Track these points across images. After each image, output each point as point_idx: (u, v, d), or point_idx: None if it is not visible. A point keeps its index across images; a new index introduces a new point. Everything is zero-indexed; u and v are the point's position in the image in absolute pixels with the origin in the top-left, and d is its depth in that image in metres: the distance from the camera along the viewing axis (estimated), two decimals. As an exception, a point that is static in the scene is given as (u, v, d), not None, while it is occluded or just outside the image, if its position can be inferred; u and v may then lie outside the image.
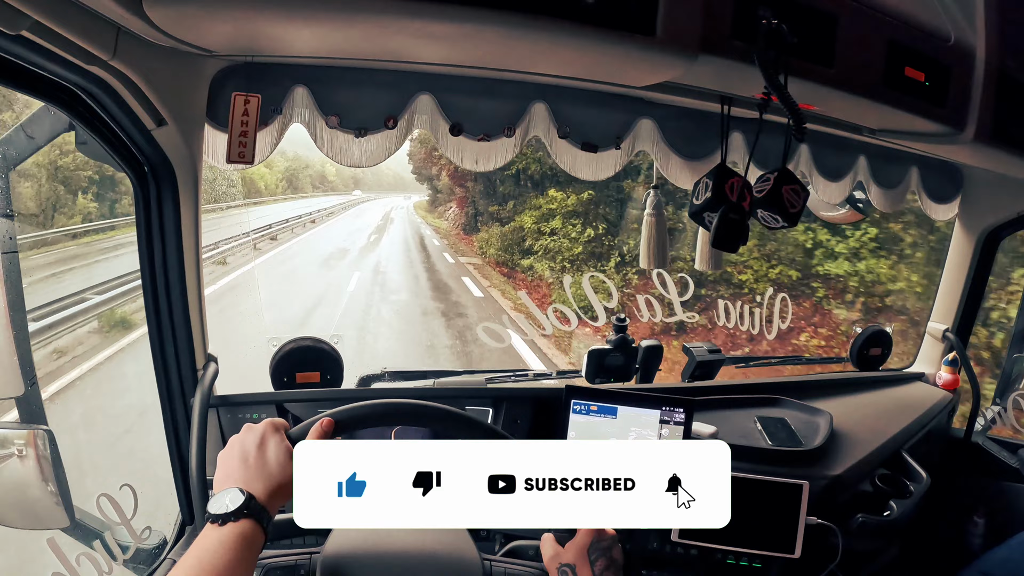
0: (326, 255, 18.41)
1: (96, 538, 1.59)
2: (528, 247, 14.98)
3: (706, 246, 1.95)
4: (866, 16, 1.43)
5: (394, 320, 11.50)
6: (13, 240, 1.44)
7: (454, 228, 24.47)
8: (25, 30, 0.97)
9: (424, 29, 1.19)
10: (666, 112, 1.78)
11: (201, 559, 0.86)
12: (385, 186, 69.26)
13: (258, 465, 0.97)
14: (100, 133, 1.37)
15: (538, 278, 14.44)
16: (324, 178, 52.71)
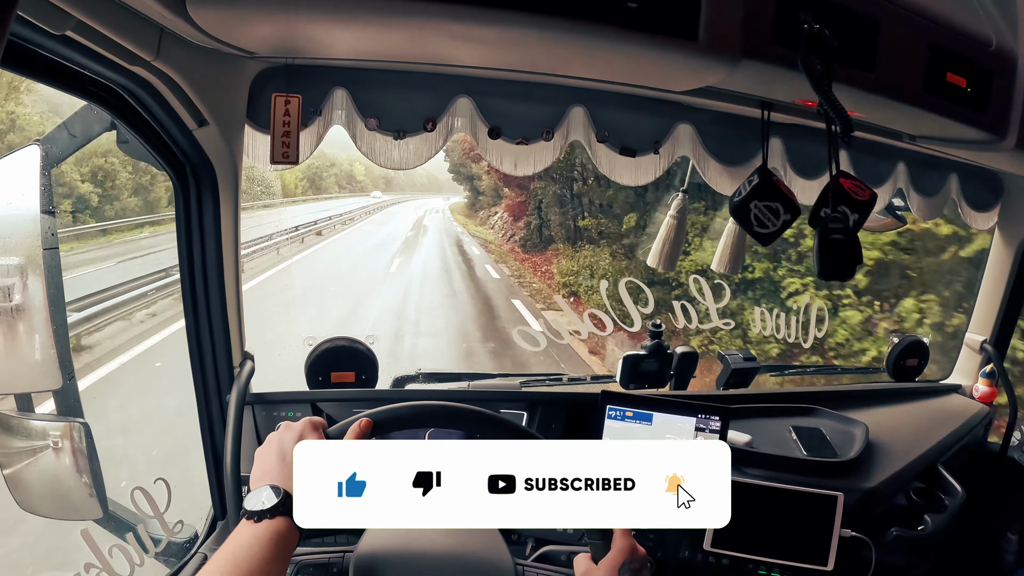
0: (315, 297, 12.81)
1: (129, 530, 1.61)
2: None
3: (728, 248, 1.94)
4: (907, 20, 1.40)
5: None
6: (54, 236, 1.46)
7: (504, 240, 21.22)
8: (70, 30, 0.98)
9: (465, 32, 1.19)
10: (705, 117, 1.77)
11: (236, 555, 0.87)
12: (418, 187, 65.60)
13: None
14: (142, 132, 1.38)
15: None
16: (352, 177, 50.50)
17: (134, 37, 1.12)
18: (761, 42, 1.25)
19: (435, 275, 16.61)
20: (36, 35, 0.98)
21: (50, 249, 1.47)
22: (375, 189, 56.59)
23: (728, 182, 1.81)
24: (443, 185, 57.33)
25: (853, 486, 1.80)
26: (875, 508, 1.83)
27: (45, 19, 0.93)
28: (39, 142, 1.48)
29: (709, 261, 1.99)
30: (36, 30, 0.96)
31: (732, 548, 1.69)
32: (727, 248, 1.93)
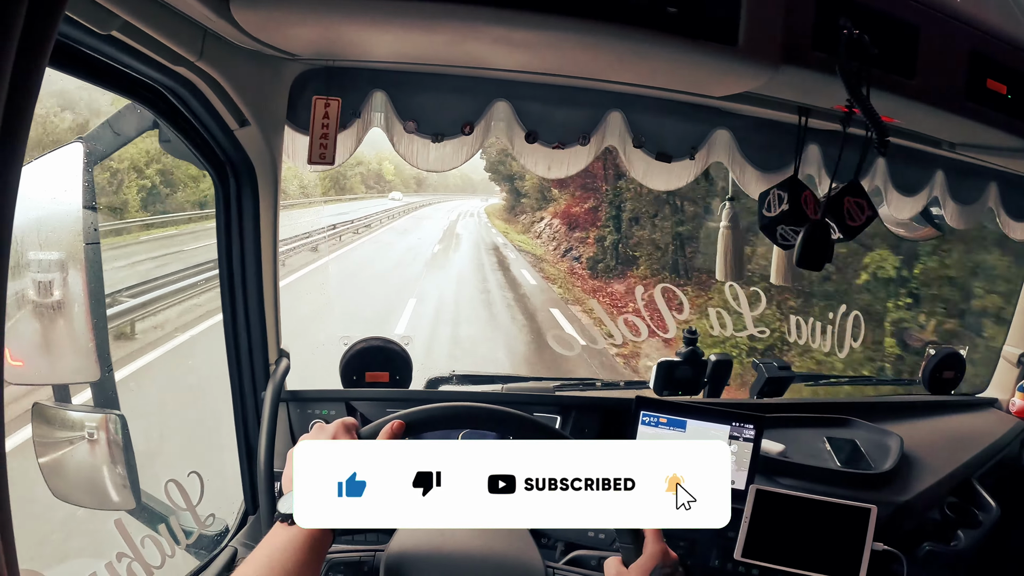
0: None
1: (161, 522, 1.63)
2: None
3: (783, 259, 1.92)
4: (947, 26, 1.39)
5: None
6: (96, 231, 1.49)
7: (558, 256, 17.24)
8: (115, 30, 1.00)
9: (506, 35, 1.19)
10: (742, 123, 1.75)
11: (271, 557, 0.87)
12: (451, 188, 62.62)
13: None
14: (184, 132, 1.40)
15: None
16: (380, 177, 48.04)
17: (178, 38, 1.13)
18: (801, 48, 1.24)
19: (474, 321, 11.95)
20: (82, 35, 0.99)
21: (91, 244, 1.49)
22: (401, 189, 52.30)
23: (764, 188, 1.79)
24: (477, 186, 53.96)
25: (886, 499, 1.78)
26: (908, 522, 1.81)
27: (91, 19, 0.95)
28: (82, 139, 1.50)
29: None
30: (83, 30, 0.97)
31: (763, 558, 1.67)
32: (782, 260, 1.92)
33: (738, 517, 1.68)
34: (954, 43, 1.40)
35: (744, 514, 1.67)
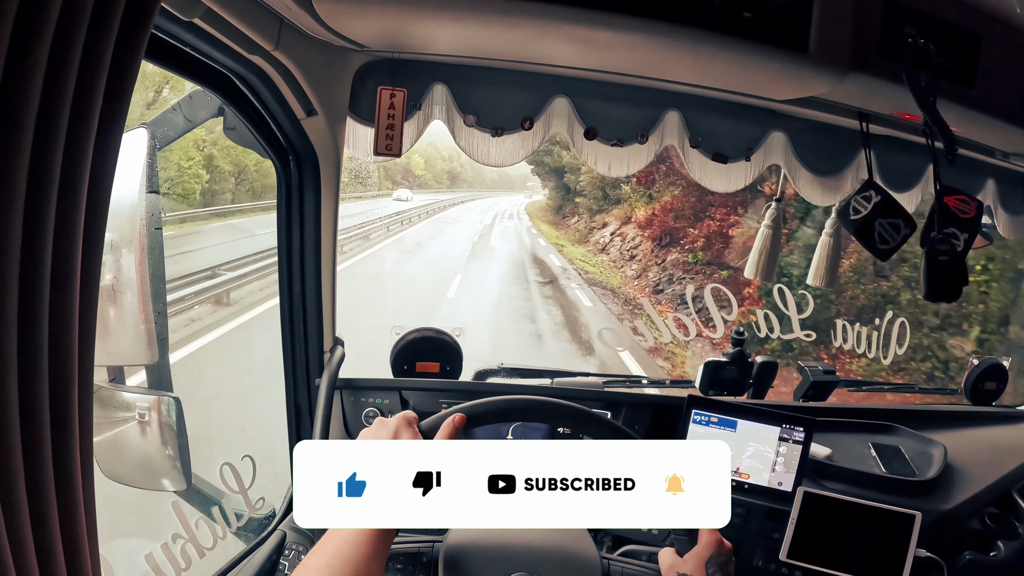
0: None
1: (214, 504, 1.66)
2: None
3: (823, 261, 1.91)
4: (1008, 36, 1.38)
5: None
6: (158, 216, 1.51)
7: (643, 288, 12.45)
8: (197, 17, 1.02)
9: (582, 35, 1.20)
10: (798, 125, 1.75)
11: (341, 549, 0.88)
12: (487, 183, 60.77)
13: None
14: (251, 119, 1.42)
15: None
16: (409, 171, 44.60)
17: (257, 27, 1.15)
18: (868, 55, 1.25)
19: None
20: (166, 22, 1.01)
21: (156, 229, 1.52)
22: (438, 186, 50.28)
23: (819, 192, 1.79)
24: (515, 182, 52.10)
25: (930, 506, 1.77)
26: (950, 530, 1.81)
27: (177, 5, 0.97)
28: (146, 125, 1.52)
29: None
30: (167, 16, 0.99)
31: (807, 560, 1.67)
32: (823, 262, 1.91)
33: (784, 518, 1.69)
34: (1014, 53, 1.39)
35: (791, 515, 1.68)
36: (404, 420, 1.03)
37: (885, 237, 1.54)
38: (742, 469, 1.75)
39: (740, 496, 1.76)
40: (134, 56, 0.59)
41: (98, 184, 0.58)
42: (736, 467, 1.76)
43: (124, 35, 0.57)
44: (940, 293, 1.39)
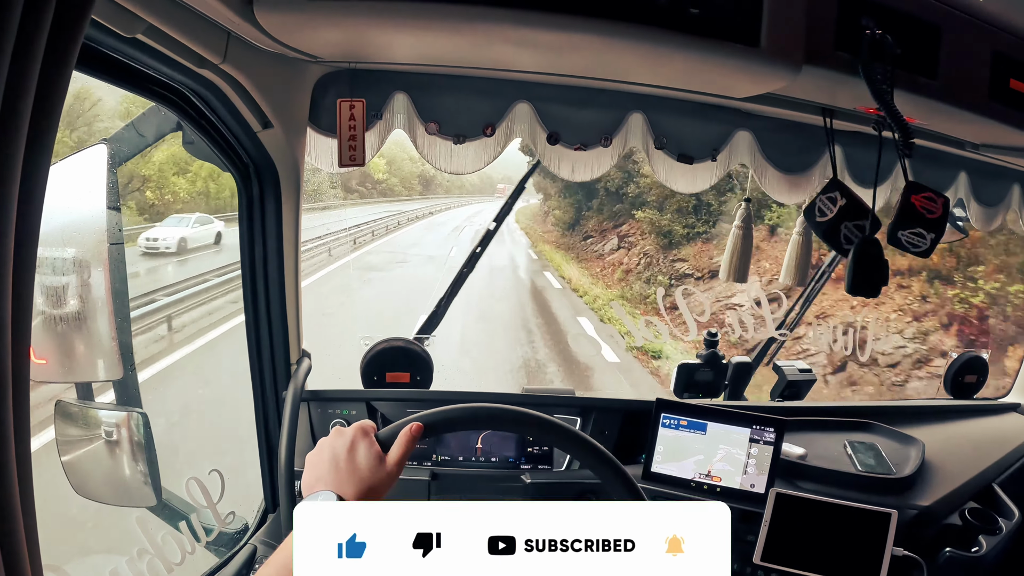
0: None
1: (182, 519, 1.65)
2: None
3: (794, 259, 1.90)
4: (969, 26, 1.37)
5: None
6: (120, 232, 1.50)
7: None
8: (140, 33, 1.00)
9: (529, 37, 1.19)
10: (764, 124, 1.74)
11: (288, 563, 0.87)
12: (468, 188, 57.42)
13: (349, 469, 0.98)
14: (207, 133, 1.41)
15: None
16: (368, 177, 38.99)
17: (202, 41, 1.14)
18: (823, 48, 1.24)
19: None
20: (107, 38, 1.00)
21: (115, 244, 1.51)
22: (407, 193, 42.61)
23: (786, 190, 1.78)
24: (498, 186, 51.22)
25: (907, 504, 1.77)
26: (929, 527, 1.79)
27: (117, 22, 0.95)
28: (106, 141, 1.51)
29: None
30: (108, 33, 0.98)
31: (782, 562, 1.66)
32: (793, 261, 1.89)
33: (757, 520, 1.68)
34: (976, 43, 1.38)
35: (764, 518, 1.67)
36: (360, 430, 1.02)
37: (851, 238, 1.54)
38: (713, 472, 1.74)
39: (711, 499, 1.74)
40: (64, 70, 0.58)
41: (31, 198, 0.58)
42: (707, 470, 1.75)
43: (53, 51, 0.56)
44: (861, 288, 1.44)
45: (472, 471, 1.83)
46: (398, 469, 1.00)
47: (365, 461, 0.99)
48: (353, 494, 0.96)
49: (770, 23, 1.17)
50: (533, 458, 1.85)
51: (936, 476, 1.90)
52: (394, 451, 1.00)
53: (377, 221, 24.11)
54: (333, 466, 0.99)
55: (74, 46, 0.59)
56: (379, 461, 0.99)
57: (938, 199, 1.47)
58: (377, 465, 0.99)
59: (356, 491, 0.96)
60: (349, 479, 0.97)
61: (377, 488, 0.98)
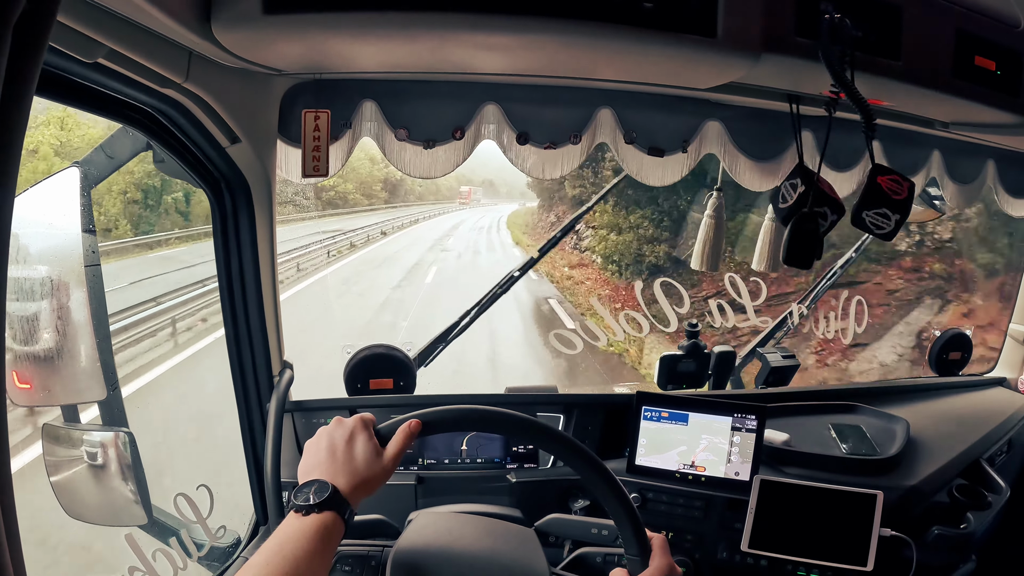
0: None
1: (172, 535, 1.65)
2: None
3: (767, 246, 1.91)
4: (930, 5, 1.38)
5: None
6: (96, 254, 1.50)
7: None
8: (101, 58, 1.01)
9: (485, 41, 1.20)
10: (733, 113, 1.75)
11: (283, 546, 0.89)
12: (444, 194, 52.14)
13: (345, 459, 0.99)
14: (177, 152, 1.41)
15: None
16: (321, 190, 29.85)
17: (164, 61, 1.14)
18: (782, 35, 1.24)
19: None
20: (69, 63, 1.00)
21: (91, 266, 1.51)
22: (360, 201, 33.97)
23: (758, 178, 1.79)
24: (461, 188, 47.90)
25: (893, 484, 1.78)
26: (916, 506, 1.80)
27: (77, 49, 0.96)
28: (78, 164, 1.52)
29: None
30: (69, 59, 0.98)
31: (770, 549, 1.67)
32: (766, 246, 1.90)
33: (744, 508, 1.69)
34: (938, 22, 1.39)
35: (749, 505, 1.68)
36: (361, 422, 1.04)
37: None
38: (697, 462, 1.75)
39: (698, 489, 1.76)
40: (24, 97, 0.59)
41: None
42: (691, 460, 1.76)
43: (12, 78, 0.57)
44: (797, 259, 1.47)
45: (458, 473, 1.84)
46: (393, 464, 1.01)
47: (362, 453, 1.00)
48: (346, 484, 0.96)
49: (726, 13, 1.17)
50: (518, 457, 1.86)
51: (922, 454, 1.91)
52: (391, 446, 1.01)
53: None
54: (330, 455, 1.00)
55: (33, 73, 0.60)
56: (376, 454, 1.00)
57: (904, 182, 1.47)
58: (373, 458, 1.00)
59: (350, 482, 0.97)
60: (344, 469, 0.98)
61: (371, 481, 0.99)
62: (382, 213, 32.77)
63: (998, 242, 9.11)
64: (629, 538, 1.06)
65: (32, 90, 0.60)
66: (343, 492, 0.95)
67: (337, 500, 0.93)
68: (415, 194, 43.60)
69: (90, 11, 0.92)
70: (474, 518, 1.28)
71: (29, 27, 0.57)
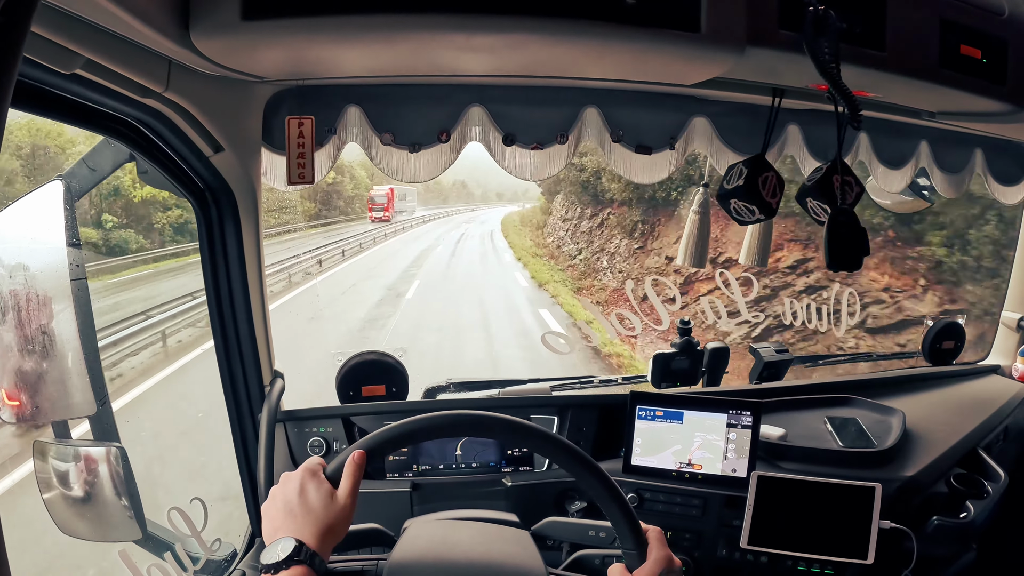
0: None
1: (167, 549, 1.64)
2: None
3: (754, 241, 1.91)
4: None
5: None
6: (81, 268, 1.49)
7: None
8: (79, 69, 1.00)
9: (468, 42, 1.19)
10: (720, 109, 1.74)
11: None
12: (434, 196, 50.35)
13: (303, 512, 0.97)
14: (160, 162, 1.40)
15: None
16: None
17: (143, 71, 1.13)
18: (766, 28, 1.23)
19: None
20: (46, 75, 0.99)
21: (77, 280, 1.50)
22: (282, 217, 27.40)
23: (744, 172, 1.79)
24: (449, 192, 46.10)
25: (891, 476, 1.77)
26: (915, 497, 1.80)
27: (53, 60, 0.95)
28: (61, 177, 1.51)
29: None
30: (46, 70, 0.97)
31: (769, 545, 1.67)
32: (753, 241, 1.90)
33: (742, 505, 1.69)
34: (922, 12, 1.38)
35: (747, 502, 1.67)
36: (308, 471, 1.02)
37: (741, 215, 1.57)
38: (694, 460, 1.75)
39: (695, 487, 1.75)
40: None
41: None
42: (687, 458, 1.75)
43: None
44: (841, 262, 1.43)
45: (453, 478, 1.83)
46: (352, 501, 1.00)
47: (317, 501, 0.98)
48: (311, 536, 0.95)
49: (710, 7, 1.16)
50: (514, 460, 1.85)
51: (919, 445, 1.91)
52: (344, 485, 1.00)
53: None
54: (287, 513, 0.98)
55: (7, 85, 0.59)
56: (331, 498, 0.99)
57: (855, 187, 1.50)
58: (329, 502, 0.98)
59: (314, 532, 0.96)
60: (305, 522, 0.96)
61: (335, 525, 0.98)
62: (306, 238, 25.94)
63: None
64: (624, 532, 1.05)
65: (7, 102, 0.59)
66: (310, 544, 0.94)
67: (305, 553, 0.92)
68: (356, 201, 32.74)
69: (65, 21, 0.90)
70: (467, 523, 1.27)
71: (1, 38, 0.56)
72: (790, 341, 9.56)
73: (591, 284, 14.45)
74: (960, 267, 9.66)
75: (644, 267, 13.90)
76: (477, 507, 1.49)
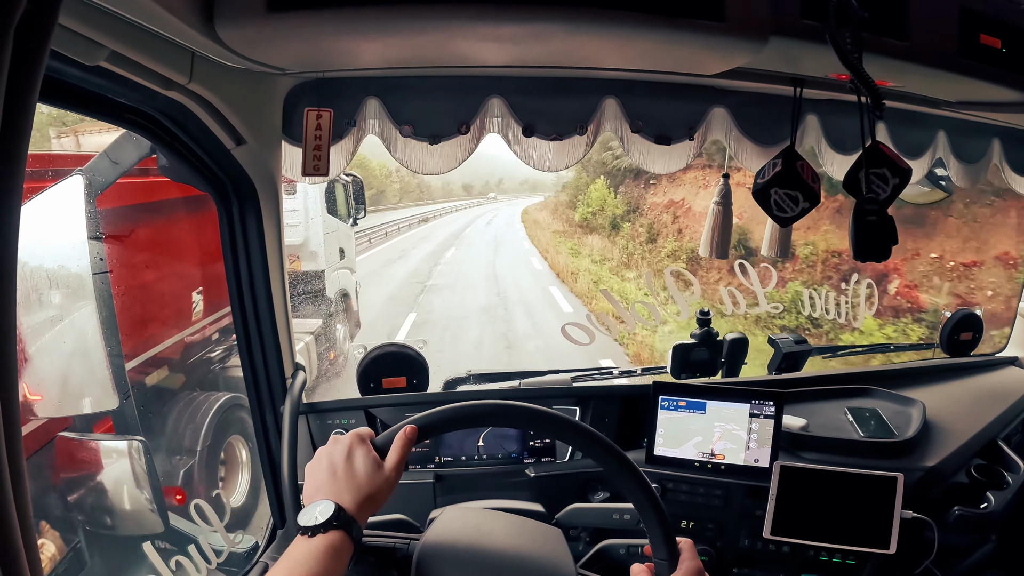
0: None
1: (191, 543, 1.64)
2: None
3: (775, 231, 1.90)
4: (936, -17, 1.36)
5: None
6: (103, 261, 1.49)
7: None
8: (103, 61, 1.00)
9: (491, 32, 1.18)
10: (739, 99, 1.74)
11: (291, 570, 0.87)
12: (436, 192, 49.79)
13: (346, 476, 0.97)
14: (181, 155, 1.40)
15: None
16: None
17: (167, 62, 1.13)
18: (789, 18, 1.22)
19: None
20: (70, 68, 0.99)
21: (99, 273, 1.50)
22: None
23: (763, 163, 1.78)
24: (434, 192, 46.60)
25: (912, 466, 1.77)
26: (936, 488, 1.80)
27: (78, 52, 0.94)
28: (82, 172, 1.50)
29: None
30: (70, 63, 0.97)
31: (792, 535, 1.67)
32: (775, 232, 1.89)
33: (764, 495, 1.68)
34: (943, 1, 1.38)
35: (770, 491, 1.67)
36: (357, 437, 1.02)
37: (782, 206, 1.55)
38: (716, 450, 1.74)
39: (717, 477, 1.75)
40: (27, 103, 0.58)
41: (4, 231, 0.57)
42: (710, 448, 1.75)
43: (15, 85, 0.56)
44: (869, 252, 1.40)
45: (476, 469, 1.83)
46: (396, 474, 0.99)
47: (363, 468, 0.98)
48: (351, 502, 0.95)
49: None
50: (536, 451, 1.85)
51: (939, 436, 1.90)
52: (391, 456, 0.99)
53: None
54: (331, 475, 0.98)
55: (36, 79, 0.59)
56: (376, 467, 0.98)
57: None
58: (375, 471, 0.98)
59: (354, 499, 0.95)
60: (347, 487, 0.96)
61: (376, 495, 0.97)
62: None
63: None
64: (658, 541, 1.05)
65: (35, 95, 0.59)
66: (348, 510, 0.94)
67: (343, 519, 0.92)
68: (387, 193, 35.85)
69: (91, 12, 0.90)
70: (501, 515, 1.26)
71: (30, 30, 0.56)
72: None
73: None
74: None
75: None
76: (502, 498, 1.49)
